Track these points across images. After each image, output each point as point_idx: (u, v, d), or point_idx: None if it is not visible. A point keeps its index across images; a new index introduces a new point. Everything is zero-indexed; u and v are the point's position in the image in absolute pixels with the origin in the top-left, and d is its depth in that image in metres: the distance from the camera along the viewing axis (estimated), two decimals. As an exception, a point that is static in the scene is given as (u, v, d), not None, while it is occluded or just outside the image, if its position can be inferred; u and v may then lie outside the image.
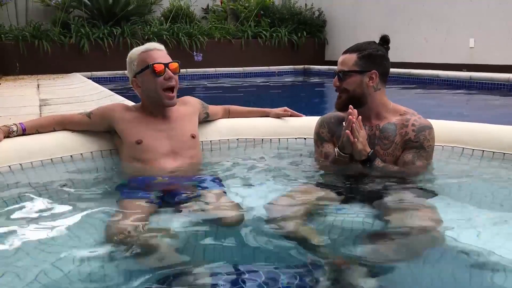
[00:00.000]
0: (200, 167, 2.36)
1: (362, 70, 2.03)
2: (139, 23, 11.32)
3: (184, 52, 10.86)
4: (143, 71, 2.19)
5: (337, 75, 2.08)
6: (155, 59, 2.18)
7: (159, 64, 2.17)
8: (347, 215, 1.77)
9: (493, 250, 1.45)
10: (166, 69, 2.17)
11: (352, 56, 2.05)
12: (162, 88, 2.19)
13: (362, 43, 2.09)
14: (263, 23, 12.26)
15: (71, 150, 2.38)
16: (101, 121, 2.34)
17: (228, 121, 2.75)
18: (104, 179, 2.28)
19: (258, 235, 1.63)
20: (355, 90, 2.05)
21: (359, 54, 2.04)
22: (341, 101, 2.10)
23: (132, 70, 2.23)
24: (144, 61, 2.19)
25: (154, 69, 2.16)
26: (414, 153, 2.01)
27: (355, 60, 2.04)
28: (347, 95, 2.07)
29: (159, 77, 2.17)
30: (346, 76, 2.05)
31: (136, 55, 2.21)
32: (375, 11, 11.04)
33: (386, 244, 1.54)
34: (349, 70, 2.04)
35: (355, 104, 2.04)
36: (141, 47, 2.24)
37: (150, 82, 2.19)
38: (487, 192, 2.04)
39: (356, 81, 2.04)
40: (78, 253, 1.51)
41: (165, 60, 2.20)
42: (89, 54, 10.44)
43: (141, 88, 2.25)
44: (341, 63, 2.08)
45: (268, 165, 2.43)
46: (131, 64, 2.24)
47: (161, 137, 2.24)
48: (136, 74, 2.22)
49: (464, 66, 8.59)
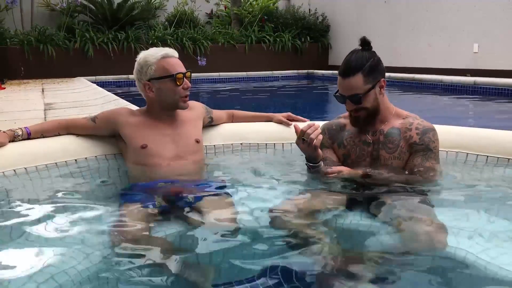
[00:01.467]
0: (203, 172, 2.37)
1: (373, 84, 1.98)
2: (144, 28, 11.37)
3: (188, 57, 10.89)
4: (163, 79, 2.20)
5: (348, 99, 2.01)
6: (175, 68, 2.21)
7: (181, 74, 2.20)
8: (351, 221, 1.77)
9: (495, 258, 1.45)
10: (184, 78, 2.21)
11: (358, 77, 1.95)
12: (180, 96, 2.23)
13: (355, 59, 1.98)
14: (267, 28, 12.29)
15: (75, 154, 2.39)
16: (106, 126, 2.35)
17: (231, 126, 2.76)
18: (108, 184, 2.29)
19: (261, 240, 1.63)
20: (373, 105, 2.02)
21: (363, 71, 1.96)
22: (362, 120, 2.05)
23: (148, 74, 2.22)
24: (165, 69, 2.20)
25: (176, 80, 2.19)
26: (421, 156, 2.00)
27: (363, 79, 1.96)
28: (366, 113, 2.03)
29: (179, 86, 2.20)
30: (362, 98, 1.98)
31: (155, 60, 2.20)
32: (379, 16, 11.05)
33: (387, 249, 1.54)
34: (365, 92, 1.97)
35: (373, 117, 2.04)
36: (158, 51, 2.23)
37: (169, 90, 2.21)
38: (492, 199, 2.03)
39: (372, 98, 2.00)
40: (81, 257, 1.51)
41: (182, 69, 2.23)
42: (93, 58, 10.48)
43: (154, 93, 2.25)
44: (350, 88, 1.98)
45: (271, 170, 2.44)
46: (147, 67, 2.22)
47: (166, 142, 2.25)
48: (152, 79, 2.23)
49: (468, 71, 8.58)
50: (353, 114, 2.07)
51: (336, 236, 1.63)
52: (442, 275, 1.45)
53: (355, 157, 2.11)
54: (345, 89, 2.00)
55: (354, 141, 2.12)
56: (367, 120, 2.06)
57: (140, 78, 2.26)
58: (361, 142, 2.10)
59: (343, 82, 2.00)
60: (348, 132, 2.15)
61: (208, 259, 1.54)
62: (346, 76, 1.98)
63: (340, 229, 1.71)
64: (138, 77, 2.27)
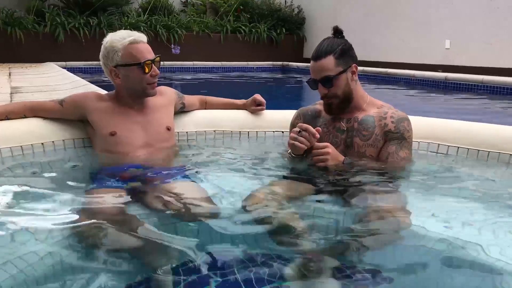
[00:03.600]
0: (175, 159, 2.32)
1: (344, 68, 1.99)
2: (116, 14, 11.15)
3: (162, 45, 10.75)
4: (130, 66, 2.12)
5: (320, 83, 2.01)
6: (143, 54, 2.12)
7: (149, 61, 2.12)
8: (324, 208, 1.77)
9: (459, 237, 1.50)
10: (152, 65, 2.14)
11: (329, 59, 1.97)
12: (148, 83, 2.15)
13: (326, 44, 2.00)
14: (243, 18, 12.23)
15: (42, 137, 2.30)
16: (74, 110, 2.27)
17: (205, 113, 2.71)
18: (76, 168, 2.22)
19: (234, 226, 1.61)
20: (344, 91, 2.01)
21: (334, 54, 1.97)
22: (334, 107, 2.04)
23: (114, 60, 2.13)
24: (132, 56, 2.11)
25: (144, 68, 2.11)
26: (396, 145, 2.00)
27: (334, 61, 1.97)
28: (338, 100, 2.02)
29: (147, 74, 2.13)
30: (334, 81, 1.98)
31: (122, 46, 2.11)
32: (354, 11, 11.12)
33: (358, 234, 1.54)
34: (336, 74, 1.97)
35: (346, 104, 2.03)
36: (125, 36, 2.12)
37: (136, 78, 2.13)
38: (460, 185, 2.07)
39: (343, 82, 2.00)
40: (47, 243, 1.46)
41: (151, 55, 2.15)
42: (64, 44, 10.23)
43: (121, 80, 2.17)
44: (321, 69, 1.98)
45: (245, 158, 2.41)
46: (113, 53, 2.12)
47: (135, 129, 2.18)
48: (118, 66, 2.15)
49: (440, 67, 8.73)
50: (325, 101, 2.06)
51: (308, 224, 1.61)
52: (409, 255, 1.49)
53: None
54: (316, 72, 2.00)
55: (328, 128, 2.10)
56: (340, 107, 2.05)
57: (106, 63, 2.17)
58: (335, 129, 2.09)
59: (315, 65, 2.00)
60: (323, 119, 2.14)
61: (177, 246, 1.50)
62: (318, 59, 1.99)
63: (315, 215, 1.70)
64: (105, 62, 2.18)
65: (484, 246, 1.42)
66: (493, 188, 2.05)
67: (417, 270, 1.40)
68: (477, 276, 1.37)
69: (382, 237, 1.53)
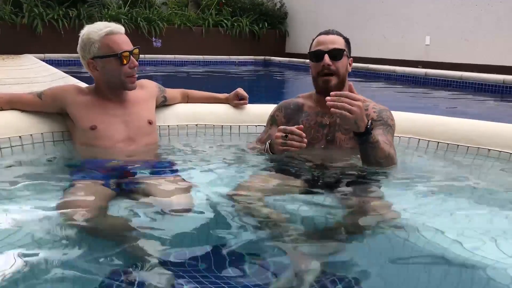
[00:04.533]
0: (157, 154, 2.30)
1: (348, 54, 2.06)
2: (97, 6, 10.97)
3: (143, 38, 10.65)
4: (107, 57, 2.09)
5: (327, 54, 1.99)
6: (120, 46, 2.08)
7: (126, 52, 2.08)
8: (308, 203, 1.77)
9: (440, 229, 1.52)
10: (131, 57, 2.10)
11: (340, 38, 2.05)
12: (126, 76, 2.12)
13: (333, 29, 2.11)
14: (225, 12, 12.18)
15: (20, 130, 2.26)
16: (53, 103, 2.23)
17: (187, 106, 2.69)
18: (55, 161, 2.18)
19: (216, 222, 1.60)
20: (344, 74, 2.05)
21: (344, 38, 2.06)
22: (332, 85, 2.00)
23: (91, 52, 2.10)
24: (109, 47, 2.08)
25: (122, 58, 2.08)
26: (382, 129, 1.98)
27: (344, 42, 2.05)
28: (337, 80, 2.02)
29: (125, 65, 2.10)
30: (340, 55, 2.01)
31: (98, 37, 2.08)
32: (336, 6, 11.17)
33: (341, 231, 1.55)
34: (345, 50, 2.03)
35: (339, 88, 2.01)
36: (102, 28, 2.09)
37: (114, 70, 2.10)
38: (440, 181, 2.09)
39: (345, 64, 2.05)
40: (28, 238, 1.43)
41: (128, 46, 2.11)
42: (42, 35, 10.05)
43: (99, 72, 2.14)
44: (332, 42, 2.02)
45: (227, 152, 2.40)
46: (90, 45, 2.09)
47: (116, 123, 2.16)
48: (96, 57, 2.12)
49: (420, 63, 8.84)
50: (323, 77, 2.01)
51: (291, 219, 1.62)
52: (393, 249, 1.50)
53: (309, 138, 2.07)
54: (327, 43, 2.02)
55: (309, 123, 2.10)
56: (338, 88, 1.97)
57: (84, 55, 2.14)
58: (317, 124, 2.09)
59: (326, 38, 2.04)
60: (305, 114, 2.14)
61: (160, 241, 1.49)
62: (329, 34, 2.06)
63: (299, 210, 1.70)
64: (82, 54, 2.15)
65: (463, 240, 1.44)
66: (481, 184, 2.08)
67: (402, 266, 1.41)
68: (457, 271, 1.39)
69: (368, 232, 1.54)
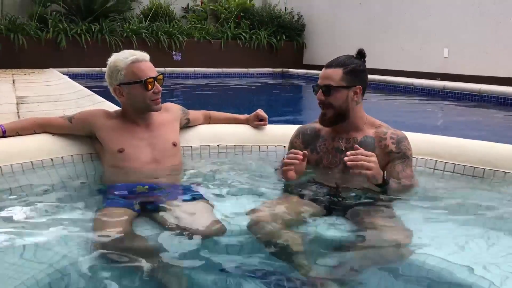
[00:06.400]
0: (181, 175, 2.38)
1: (348, 85, 2.06)
2: (118, 20, 11.23)
3: (163, 51, 10.84)
4: (133, 84, 2.21)
5: (321, 89, 2.09)
6: (145, 72, 2.21)
7: (151, 78, 2.20)
8: (326, 227, 1.82)
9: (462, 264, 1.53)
10: (155, 82, 2.22)
11: (338, 71, 2.06)
12: (150, 100, 2.23)
13: (343, 58, 2.10)
14: (243, 25, 12.31)
15: (51, 153, 2.37)
16: (83, 127, 2.35)
17: (208, 127, 2.78)
18: (85, 184, 2.28)
19: (239, 245, 1.67)
20: (341, 106, 2.08)
21: (345, 69, 2.06)
22: (327, 118, 2.11)
23: (118, 79, 2.23)
24: (135, 74, 2.20)
25: (146, 85, 2.19)
26: (401, 164, 2.05)
27: (341, 75, 2.05)
28: (333, 112, 2.09)
29: (149, 91, 2.21)
30: (333, 91, 2.06)
31: (125, 65, 2.20)
32: (354, 18, 11.19)
33: (358, 257, 1.60)
34: (337, 85, 2.05)
35: (339, 119, 2.09)
36: (128, 56, 2.22)
37: (139, 95, 2.22)
38: (460, 207, 2.11)
39: (343, 97, 2.07)
40: (58, 261, 1.51)
41: (153, 73, 2.23)
42: (66, 50, 10.31)
43: (125, 97, 2.26)
44: (326, 77, 2.08)
45: (248, 173, 2.47)
46: (117, 72, 2.22)
47: (142, 146, 2.26)
48: (122, 84, 2.23)
49: (438, 75, 8.81)
50: (321, 109, 2.13)
51: (310, 242, 1.68)
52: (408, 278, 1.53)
53: (327, 163, 2.16)
54: (321, 78, 2.10)
55: (327, 148, 2.17)
56: (333, 120, 2.10)
57: (111, 82, 2.27)
58: (334, 149, 2.15)
59: (323, 72, 2.11)
60: (322, 138, 2.21)
61: (185, 264, 1.56)
62: (327, 67, 2.11)
63: (314, 235, 1.75)
64: (109, 81, 2.28)
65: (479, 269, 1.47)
66: (494, 206, 2.08)
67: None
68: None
69: (383, 260, 1.58)
